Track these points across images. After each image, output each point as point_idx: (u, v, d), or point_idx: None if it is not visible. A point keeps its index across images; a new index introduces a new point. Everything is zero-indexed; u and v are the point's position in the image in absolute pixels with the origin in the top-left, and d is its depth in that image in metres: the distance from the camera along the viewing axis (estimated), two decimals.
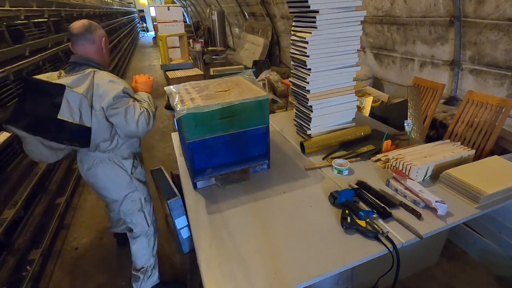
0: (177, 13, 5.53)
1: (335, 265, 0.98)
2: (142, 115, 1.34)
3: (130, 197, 1.55)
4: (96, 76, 1.31)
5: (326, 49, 1.64)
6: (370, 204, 1.23)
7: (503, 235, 1.70)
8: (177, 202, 1.78)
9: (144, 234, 1.64)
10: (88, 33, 1.37)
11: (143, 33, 20.43)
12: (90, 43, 1.37)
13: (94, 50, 1.39)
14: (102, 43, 1.42)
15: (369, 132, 1.79)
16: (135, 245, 1.65)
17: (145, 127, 1.35)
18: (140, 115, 1.34)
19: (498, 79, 2.47)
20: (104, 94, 1.29)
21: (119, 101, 1.31)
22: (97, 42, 1.40)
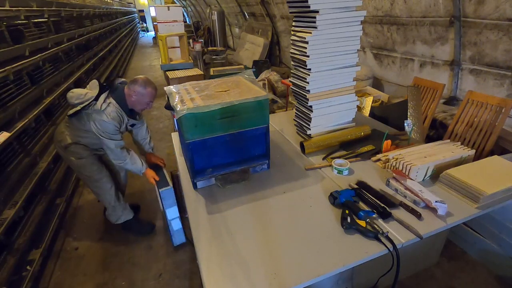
0: (177, 13, 5.53)
1: (335, 265, 0.98)
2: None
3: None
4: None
5: (326, 49, 1.64)
6: (370, 204, 1.23)
7: (503, 235, 1.70)
8: (169, 192, 1.86)
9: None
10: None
11: (143, 33, 20.42)
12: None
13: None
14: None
15: (369, 132, 1.79)
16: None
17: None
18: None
19: (498, 79, 2.47)
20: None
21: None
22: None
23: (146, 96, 1.78)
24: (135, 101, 1.79)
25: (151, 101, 1.82)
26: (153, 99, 1.83)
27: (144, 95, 1.76)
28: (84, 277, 1.98)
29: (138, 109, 1.85)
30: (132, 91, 1.75)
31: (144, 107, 1.84)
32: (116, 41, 8.26)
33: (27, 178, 2.21)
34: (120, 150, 1.78)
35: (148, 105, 1.83)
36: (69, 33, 4.22)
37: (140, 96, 1.77)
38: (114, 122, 1.72)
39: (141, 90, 1.75)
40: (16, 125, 2.21)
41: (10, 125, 2.19)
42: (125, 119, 1.83)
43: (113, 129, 1.73)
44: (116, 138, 1.77)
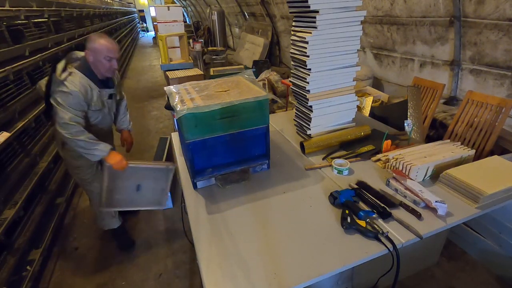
0: (177, 13, 5.53)
1: (335, 265, 0.98)
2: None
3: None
4: None
5: (326, 49, 1.64)
6: (370, 204, 1.23)
7: (503, 235, 1.70)
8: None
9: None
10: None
11: (143, 33, 20.42)
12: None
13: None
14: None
15: (369, 132, 1.79)
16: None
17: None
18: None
19: (498, 79, 2.47)
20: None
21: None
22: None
23: (101, 51, 1.57)
24: (94, 62, 1.61)
25: (109, 56, 1.60)
26: (113, 54, 1.61)
27: (99, 50, 1.57)
28: (84, 277, 1.98)
29: (103, 72, 1.65)
30: (88, 52, 1.58)
31: (107, 67, 1.63)
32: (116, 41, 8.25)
33: (27, 178, 2.21)
34: (74, 125, 1.54)
35: (110, 63, 1.62)
36: (69, 33, 4.22)
37: (96, 54, 1.58)
38: (77, 93, 1.53)
39: (94, 45, 1.57)
40: (16, 125, 2.21)
41: (10, 125, 2.20)
42: (95, 90, 1.65)
43: (76, 102, 1.54)
44: (75, 113, 1.55)
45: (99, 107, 1.71)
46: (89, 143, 1.57)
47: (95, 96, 1.65)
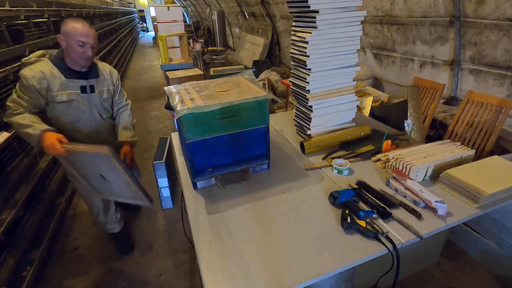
0: (177, 13, 5.53)
1: (335, 265, 0.98)
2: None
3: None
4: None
5: (326, 49, 1.64)
6: (370, 204, 1.23)
7: (503, 235, 1.70)
8: (161, 165, 2.27)
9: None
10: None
11: (143, 33, 20.42)
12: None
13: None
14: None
15: (369, 132, 1.79)
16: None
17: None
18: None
19: (498, 79, 2.47)
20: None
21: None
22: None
23: (73, 35, 1.44)
24: (67, 48, 1.49)
25: (82, 40, 1.46)
26: (85, 38, 1.46)
27: (70, 34, 1.44)
28: (84, 277, 1.98)
29: (76, 59, 1.52)
30: (61, 36, 1.48)
31: (80, 53, 1.49)
32: (116, 41, 8.26)
33: (27, 178, 2.21)
34: (12, 106, 1.43)
35: (83, 49, 1.48)
36: None
37: (68, 38, 1.45)
38: (30, 79, 1.44)
39: (67, 28, 1.45)
40: None
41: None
42: (57, 78, 1.52)
43: (26, 88, 1.45)
44: (21, 97, 1.44)
45: (65, 99, 1.56)
46: (21, 125, 1.39)
47: (56, 85, 1.51)
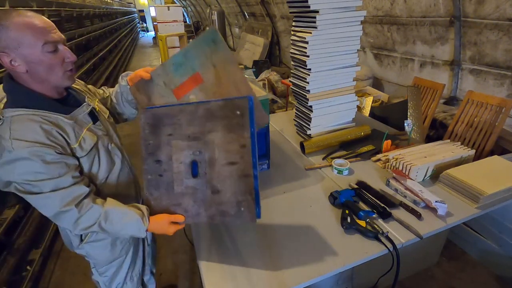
0: (177, 13, 5.54)
1: (335, 265, 0.98)
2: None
3: None
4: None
5: (326, 49, 1.64)
6: (370, 204, 1.23)
7: (503, 235, 1.70)
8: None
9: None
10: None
11: (143, 33, 20.42)
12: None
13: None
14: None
15: (369, 132, 1.79)
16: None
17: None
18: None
19: (498, 79, 2.47)
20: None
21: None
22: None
23: (30, 41, 0.79)
24: (33, 70, 0.83)
25: (47, 39, 0.82)
26: (50, 35, 0.83)
27: (24, 41, 0.79)
28: (84, 277, 1.98)
29: (58, 78, 0.88)
30: (5, 55, 0.80)
31: (57, 63, 0.86)
32: (116, 41, 8.26)
33: None
34: (77, 210, 0.87)
35: (59, 54, 0.86)
36: (69, 33, 4.22)
37: (24, 51, 0.80)
38: (35, 147, 0.80)
39: (10, 35, 0.78)
40: None
41: None
42: (63, 123, 0.90)
43: (40, 166, 0.81)
44: (60, 184, 0.85)
45: (90, 143, 0.95)
46: (108, 222, 0.91)
47: (70, 134, 0.90)
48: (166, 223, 0.96)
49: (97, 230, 0.92)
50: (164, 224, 0.96)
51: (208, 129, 0.89)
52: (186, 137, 0.92)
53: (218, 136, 0.89)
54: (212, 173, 0.92)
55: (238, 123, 0.86)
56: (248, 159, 0.87)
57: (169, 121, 0.92)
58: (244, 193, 0.89)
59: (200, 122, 0.90)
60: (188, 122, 0.90)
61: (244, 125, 0.85)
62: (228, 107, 0.86)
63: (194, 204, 0.95)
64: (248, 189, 0.89)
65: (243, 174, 0.88)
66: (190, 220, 0.96)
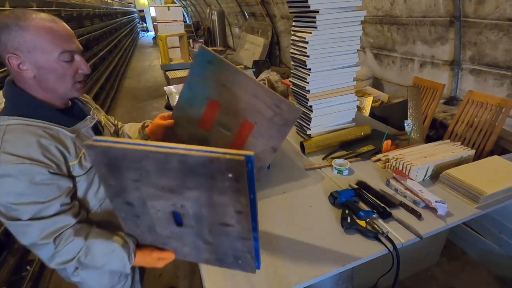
0: (177, 13, 5.53)
1: (335, 265, 0.98)
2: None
3: None
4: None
5: (326, 49, 1.64)
6: (370, 204, 1.23)
7: (503, 235, 1.70)
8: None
9: None
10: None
11: (143, 33, 20.43)
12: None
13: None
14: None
15: (369, 132, 1.79)
16: None
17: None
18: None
19: (498, 79, 2.47)
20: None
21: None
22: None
23: (48, 46, 0.75)
24: (42, 76, 0.78)
25: (68, 50, 0.79)
26: (69, 43, 0.80)
27: (40, 45, 0.75)
28: None
29: (67, 88, 0.83)
30: (16, 57, 0.74)
31: (70, 74, 0.81)
32: (116, 41, 8.26)
33: None
34: (54, 245, 0.77)
35: (74, 64, 0.82)
36: None
37: (37, 57, 0.76)
38: (29, 166, 0.72)
39: (26, 37, 0.73)
40: None
41: None
42: (63, 136, 0.82)
43: (34, 185, 0.73)
44: (42, 211, 0.75)
45: (90, 164, 0.86)
46: (91, 256, 0.82)
47: (71, 149, 0.83)
48: (155, 258, 0.85)
49: (76, 265, 0.83)
50: (153, 259, 0.86)
51: (188, 185, 0.66)
52: (159, 188, 0.69)
53: (203, 196, 0.68)
54: (200, 227, 0.75)
55: (231, 187, 0.64)
56: (246, 225, 0.71)
57: (130, 165, 0.66)
58: (242, 252, 0.78)
59: (176, 176, 0.65)
60: (158, 172, 0.65)
61: (240, 190, 0.64)
62: (214, 165, 0.61)
63: (184, 246, 0.83)
64: (247, 249, 0.76)
65: (240, 237, 0.74)
66: (182, 257, 0.86)
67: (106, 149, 0.64)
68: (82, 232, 0.81)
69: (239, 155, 0.58)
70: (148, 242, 0.86)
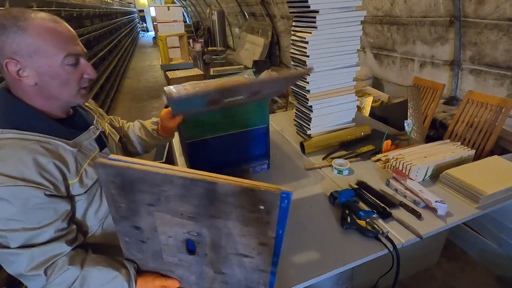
0: (177, 13, 5.53)
1: (335, 265, 0.98)
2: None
3: None
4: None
5: (326, 49, 1.64)
6: (370, 204, 1.23)
7: (503, 235, 1.70)
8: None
9: None
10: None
11: (143, 33, 20.43)
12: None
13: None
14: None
15: (369, 132, 1.79)
16: None
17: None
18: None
19: (498, 79, 2.47)
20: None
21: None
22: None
23: (51, 49, 0.69)
24: (44, 82, 0.72)
25: (73, 53, 0.73)
26: (74, 46, 0.74)
27: (44, 48, 0.69)
28: None
29: (71, 95, 0.77)
30: (15, 62, 0.68)
31: (75, 79, 0.76)
32: (116, 41, 8.26)
33: None
34: (45, 277, 0.70)
35: (79, 68, 0.76)
36: None
37: (40, 61, 0.69)
38: (18, 187, 0.65)
39: (27, 40, 0.67)
40: None
41: None
42: (63, 151, 0.75)
43: (17, 211, 0.65)
44: (32, 239, 0.68)
45: (93, 176, 0.80)
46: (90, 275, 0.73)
47: (71, 165, 0.76)
48: (157, 287, 0.78)
49: None
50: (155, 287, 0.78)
51: (212, 213, 0.63)
52: (176, 214, 0.65)
53: (227, 225, 0.65)
54: (215, 256, 0.72)
55: (260, 218, 0.61)
56: (267, 258, 0.68)
57: (147, 188, 0.62)
58: (257, 284, 0.74)
59: (199, 203, 0.62)
60: (180, 198, 0.62)
61: (269, 223, 0.61)
62: (248, 196, 0.58)
63: (191, 275, 0.78)
64: (263, 282, 0.73)
65: (257, 269, 0.71)
66: (187, 286, 0.81)
67: (122, 170, 0.59)
68: (77, 260, 0.73)
69: (275, 188, 0.57)
70: (150, 268, 0.80)
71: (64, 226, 0.73)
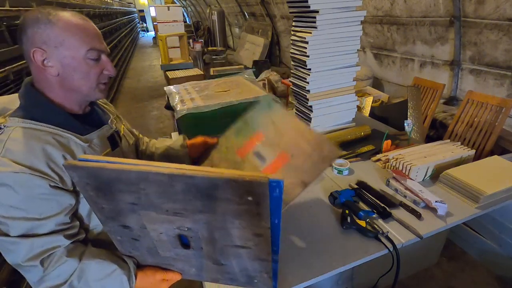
0: (177, 13, 5.53)
1: (335, 265, 0.98)
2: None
3: None
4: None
5: (326, 49, 1.64)
6: (370, 204, 1.23)
7: (503, 235, 1.70)
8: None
9: None
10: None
11: (143, 33, 20.44)
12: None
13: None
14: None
15: (369, 132, 1.79)
16: None
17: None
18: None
19: (498, 79, 2.47)
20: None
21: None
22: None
23: (75, 42, 0.73)
24: (67, 73, 0.75)
25: (96, 49, 0.77)
26: (98, 41, 0.79)
27: (69, 41, 0.73)
28: None
29: (90, 89, 0.80)
30: (41, 52, 0.72)
31: (96, 74, 0.79)
32: (116, 41, 8.26)
33: None
34: (42, 269, 0.69)
35: (100, 64, 0.80)
36: None
37: (64, 52, 0.73)
38: (24, 175, 0.66)
39: (54, 30, 0.71)
40: None
41: None
42: (73, 144, 0.77)
43: (31, 197, 0.67)
44: (34, 229, 0.69)
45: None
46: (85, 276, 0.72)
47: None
48: (158, 280, 0.78)
49: None
50: (156, 281, 0.78)
51: (199, 208, 0.60)
52: (161, 211, 0.63)
53: (216, 218, 0.62)
54: (211, 249, 0.70)
55: (250, 210, 0.58)
56: (265, 247, 0.66)
57: (125, 188, 0.59)
58: (259, 272, 0.72)
59: (182, 199, 0.59)
60: (160, 195, 0.59)
61: (260, 214, 0.58)
62: (231, 188, 0.54)
63: (191, 267, 0.78)
64: (265, 269, 0.72)
65: (257, 258, 0.70)
66: (189, 277, 0.81)
67: (95, 170, 0.57)
68: (76, 252, 0.73)
69: (260, 179, 0.52)
70: (149, 263, 0.80)
71: (66, 221, 0.73)
